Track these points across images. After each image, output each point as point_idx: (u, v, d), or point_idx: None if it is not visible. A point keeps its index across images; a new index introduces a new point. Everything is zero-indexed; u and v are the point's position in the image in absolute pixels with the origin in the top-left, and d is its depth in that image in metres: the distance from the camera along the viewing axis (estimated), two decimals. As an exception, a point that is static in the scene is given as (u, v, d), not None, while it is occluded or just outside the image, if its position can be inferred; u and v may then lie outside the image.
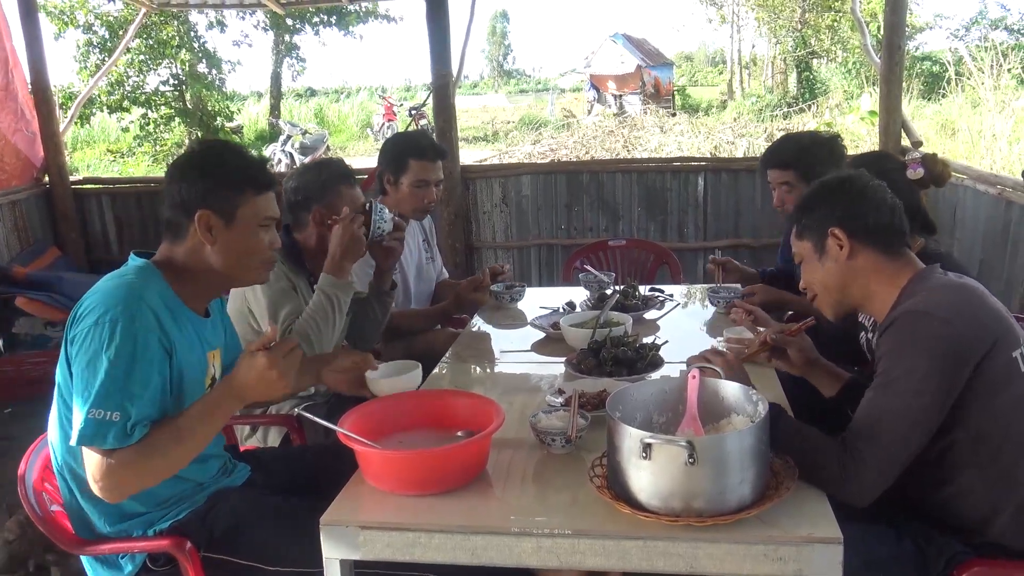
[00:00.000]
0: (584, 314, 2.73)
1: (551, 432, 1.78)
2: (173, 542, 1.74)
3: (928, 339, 1.54)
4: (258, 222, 1.84)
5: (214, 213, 1.78)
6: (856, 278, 1.73)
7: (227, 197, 1.80)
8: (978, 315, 1.58)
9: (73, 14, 13.80)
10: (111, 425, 1.58)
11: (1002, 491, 1.60)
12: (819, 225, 1.75)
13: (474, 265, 5.55)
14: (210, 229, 1.79)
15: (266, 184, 1.87)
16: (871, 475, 1.55)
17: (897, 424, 1.55)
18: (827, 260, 1.76)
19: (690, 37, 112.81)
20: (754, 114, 17.80)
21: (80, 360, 1.62)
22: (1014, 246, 3.62)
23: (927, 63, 16.83)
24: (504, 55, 60.42)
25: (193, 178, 1.80)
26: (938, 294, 1.61)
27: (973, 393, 1.55)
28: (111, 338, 1.60)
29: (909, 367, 1.55)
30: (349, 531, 1.54)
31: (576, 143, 13.14)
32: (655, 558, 1.45)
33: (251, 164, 1.87)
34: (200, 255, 1.81)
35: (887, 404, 1.57)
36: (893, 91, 4.83)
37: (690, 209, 5.31)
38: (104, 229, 5.94)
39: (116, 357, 1.59)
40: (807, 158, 2.85)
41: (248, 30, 18.50)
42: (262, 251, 1.87)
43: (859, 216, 1.72)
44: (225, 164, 1.84)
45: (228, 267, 1.82)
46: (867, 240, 1.72)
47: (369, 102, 26.38)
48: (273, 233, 1.90)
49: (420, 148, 3.06)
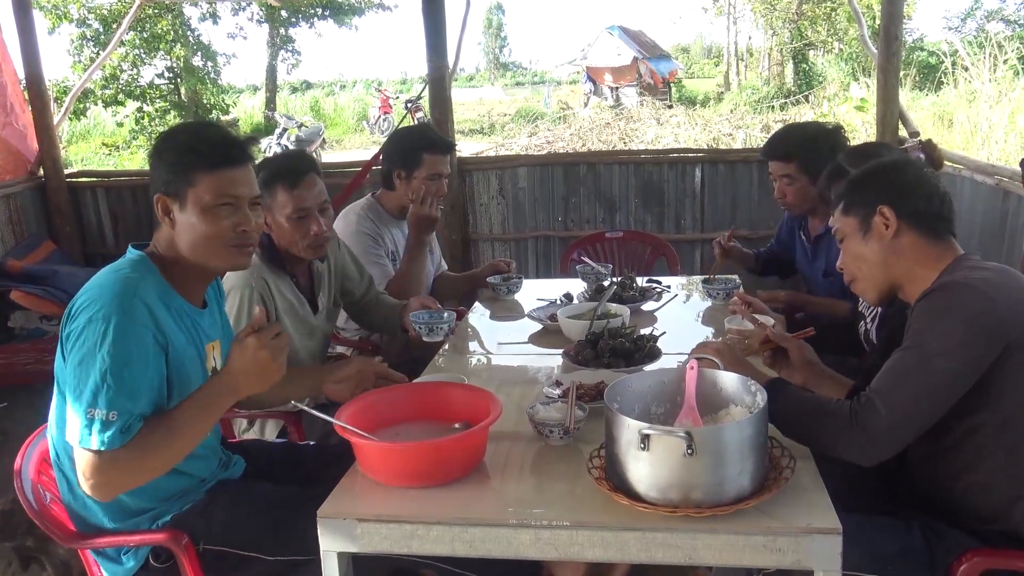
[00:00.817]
0: (581, 306, 2.73)
1: (549, 424, 1.77)
2: (170, 536, 1.73)
3: (965, 309, 1.53)
4: (215, 201, 1.72)
5: (168, 196, 1.73)
6: (898, 259, 1.71)
7: (178, 178, 1.72)
8: (1018, 297, 1.57)
9: (67, 8, 13.77)
10: (107, 425, 1.55)
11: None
12: (868, 203, 1.73)
13: (471, 258, 5.54)
14: (168, 213, 1.74)
15: (224, 161, 1.74)
16: (880, 430, 1.53)
17: (918, 382, 1.54)
18: (871, 238, 1.73)
19: (687, 29, 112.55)
20: (751, 106, 17.78)
21: (74, 357, 1.60)
22: (1011, 236, 3.62)
23: (923, 53, 16.81)
24: (500, 47, 60.28)
25: (152, 162, 1.76)
26: (980, 273, 1.60)
27: (1004, 374, 1.54)
28: (104, 336, 1.58)
29: (941, 331, 1.54)
30: (346, 524, 1.53)
31: (573, 135, 13.12)
32: (654, 549, 1.45)
33: (204, 140, 1.76)
34: (173, 242, 1.76)
35: (912, 362, 1.55)
36: (890, 81, 4.82)
37: (687, 201, 5.31)
38: (99, 222, 5.91)
39: (111, 356, 1.57)
40: (809, 151, 2.85)
41: (243, 23, 18.48)
42: (223, 233, 1.74)
43: (910, 198, 1.70)
44: (174, 144, 1.76)
45: (192, 252, 1.75)
46: (914, 222, 1.70)
47: (365, 95, 26.34)
48: (243, 213, 1.77)
49: (432, 142, 3.06)
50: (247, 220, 1.78)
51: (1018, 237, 3.49)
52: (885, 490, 1.84)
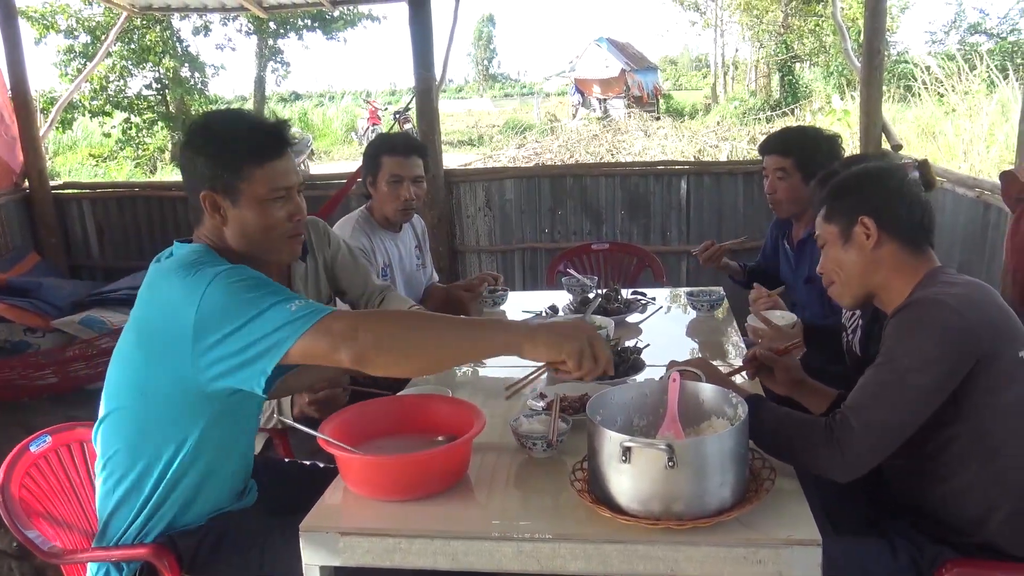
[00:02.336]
0: (567, 318, 2.73)
1: (532, 436, 1.78)
2: (152, 551, 1.72)
3: (936, 325, 1.55)
4: (268, 195, 1.70)
5: (217, 193, 1.68)
6: (877, 269, 1.73)
7: (228, 174, 1.67)
8: (989, 311, 1.59)
9: (54, 19, 13.72)
10: (316, 304, 1.52)
11: (1000, 490, 1.60)
12: (850, 211, 1.75)
13: (458, 269, 5.55)
14: (219, 209, 1.70)
15: (273, 152, 1.71)
16: (858, 447, 1.54)
17: (892, 398, 1.55)
18: (851, 247, 1.75)
19: (674, 41, 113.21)
20: (737, 118, 17.89)
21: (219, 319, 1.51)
22: (992, 248, 3.65)
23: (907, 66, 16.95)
24: (489, 59, 60.52)
25: (190, 156, 1.70)
26: (952, 288, 1.62)
27: (976, 387, 1.56)
28: (229, 274, 1.55)
29: (914, 348, 1.56)
30: (329, 537, 1.53)
31: (560, 147, 13.18)
32: (635, 562, 1.45)
33: (251, 133, 1.71)
34: (222, 236, 1.73)
35: (885, 378, 1.57)
36: (873, 94, 4.86)
37: (673, 213, 5.33)
38: (85, 234, 5.89)
39: (249, 278, 1.55)
40: (809, 149, 2.89)
41: (231, 34, 18.44)
42: (279, 225, 1.73)
43: (892, 209, 1.72)
44: (220, 137, 1.70)
45: (248, 247, 1.73)
46: (895, 233, 1.72)
47: (354, 106, 26.33)
48: (294, 204, 1.75)
49: (391, 144, 3.06)
50: (300, 209, 1.78)
51: (999, 249, 3.51)
52: (868, 504, 1.85)
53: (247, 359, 1.50)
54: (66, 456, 2.02)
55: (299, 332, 1.47)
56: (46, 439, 1.98)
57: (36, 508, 1.88)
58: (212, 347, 1.52)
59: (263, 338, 1.49)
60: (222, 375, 1.54)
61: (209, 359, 1.53)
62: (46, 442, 1.98)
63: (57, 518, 1.94)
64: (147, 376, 1.65)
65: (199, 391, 1.59)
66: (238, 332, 1.50)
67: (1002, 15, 19.90)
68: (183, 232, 5.96)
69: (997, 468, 1.60)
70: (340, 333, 1.48)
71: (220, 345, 1.51)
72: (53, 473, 1.98)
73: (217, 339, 1.51)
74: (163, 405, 1.65)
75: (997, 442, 1.60)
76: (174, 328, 1.55)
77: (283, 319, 1.49)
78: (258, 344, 1.49)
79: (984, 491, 1.61)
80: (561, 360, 1.52)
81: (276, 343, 1.48)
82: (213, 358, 1.53)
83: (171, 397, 1.64)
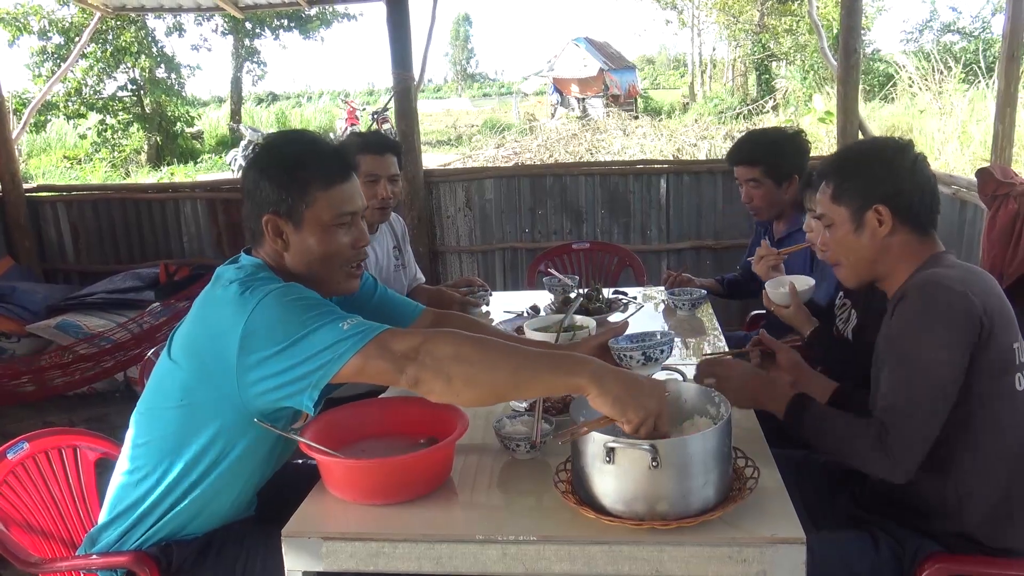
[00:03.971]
0: (548, 318, 2.73)
1: (515, 438, 1.77)
2: (133, 559, 1.69)
3: (945, 308, 1.55)
4: (333, 221, 1.67)
5: (280, 217, 1.66)
6: (888, 254, 1.72)
7: (292, 198, 1.64)
8: (990, 296, 1.60)
9: (27, 20, 13.57)
10: (370, 322, 1.50)
11: (982, 479, 1.62)
12: (862, 196, 1.71)
13: (439, 270, 5.53)
14: (281, 234, 1.67)
15: (338, 176, 1.69)
16: (912, 449, 1.55)
17: (930, 396, 1.55)
18: (863, 233, 1.72)
19: (651, 40, 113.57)
20: (715, 116, 18.00)
21: (265, 338, 1.50)
22: (968, 245, 3.69)
23: (882, 64, 17.11)
24: (467, 59, 60.48)
25: (255, 177, 1.67)
26: (953, 270, 1.62)
27: (972, 369, 1.57)
28: (283, 292, 1.54)
29: (930, 339, 1.56)
30: (311, 542, 1.52)
31: (540, 147, 13.19)
32: (620, 562, 1.45)
33: (317, 157, 1.68)
34: (282, 260, 1.70)
35: (916, 378, 1.57)
36: (850, 93, 4.90)
37: (653, 211, 5.35)
38: (60, 237, 5.82)
39: (302, 297, 1.54)
40: (773, 154, 2.92)
41: (207, 34, 18.31)
42: (342, 252, 1.70)
43: (906, 195, 1.69)
44: (283, 160, 1.68)
45: (309, 274, 1.69)
46: (907, 220, 1.70)
47: (332, 106, 26.24)
48: (358, 230, 1.72)
49: (365, 142, 3.03)
50: (364, 236, 1.75)
51: (976, 245, 3.56)
52: (849, 498, 1.86)
53: (296, 377, 1.49)
54: (44, 463, 1.99)
55: (352, 351, 1.46)
56: (23, 446, 1.95)
57: (14, 516, 1.85)
58: (259, 364, 1.51)
59: (314, 356, 1.47)
60: (268, 392, 1.53)
61: (255, 376, 1.52)
62: (23, 449, 1.95)
63: (36, 527, 1.91)
64: (193, 384, 1.63)
65: (243, 408, 1.58)
66: (288, 350, 1.49)
67: (975, 14, 20.11)
68: (159, 235, 5.92)
69: (982, 457, 1.61)
70: (403, 354, 1.47)
71: (268, 363, 1.50)
72: (31, 480, 1.95)
73: (265, 356, 1.50)
74: (205, 414, 1.63)
75: (982, 430, 1.61)
76: (220, 343, 1.54)
77: (334, 337, 1.47)
78: (309, 362, 1.47)
79: (961, 477, 1.62)
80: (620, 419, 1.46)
81: (328, 361, 1.47)
82: (259, 376, 1.52)
83: (216, 410, 1.62)
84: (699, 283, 3.19)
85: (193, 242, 5.73)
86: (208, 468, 1.68)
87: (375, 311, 2.01)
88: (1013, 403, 1.61)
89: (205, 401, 1.62)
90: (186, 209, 5.68)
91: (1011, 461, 1.62)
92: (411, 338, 1.49)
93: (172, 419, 1.68)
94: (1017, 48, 3.46)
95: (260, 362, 1.51)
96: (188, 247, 5.74)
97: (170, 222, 5.72)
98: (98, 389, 4.50)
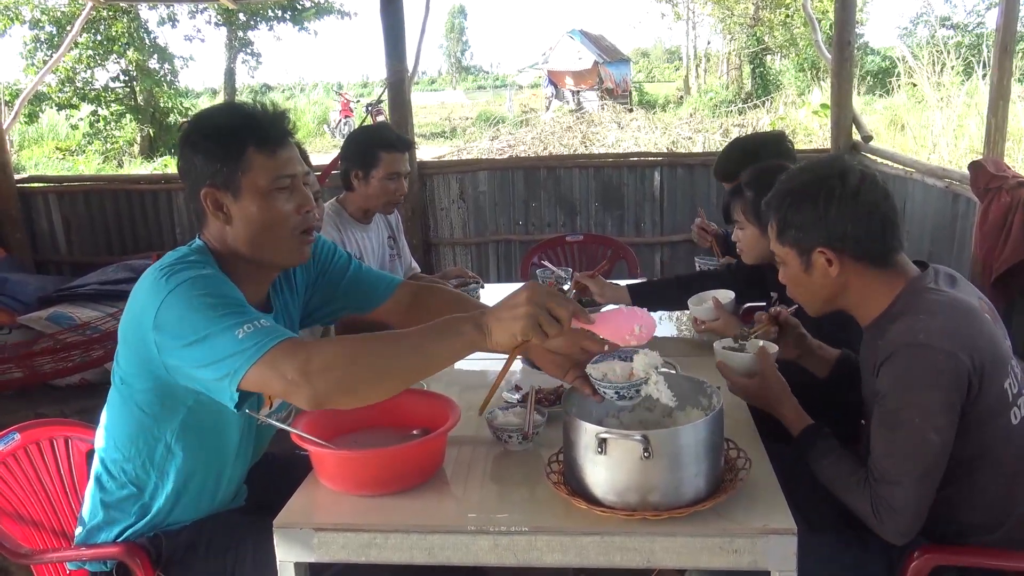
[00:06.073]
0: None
1: (508, 429, 1.77)
2: (124, 550, 1.69)
3: (934, 374, 1.50)
4: (272, 185, 1.58)
5: (219, 188, 1.58)
6: (848, 291, 1.67)
7: (227, 167, 1.56)
8: (976, 342, 1.53)
9: (18, 10, 13.49)
10: (267, 329, 1.41)
11: (968, 506, 1.62)
12: (803, 238, 1.65)
13: (432, 262, 5.53)
14: (221, 207, 1.59)
15: (272, 139, 1.60)
16: (906, 516, 1.53)
17: (921, 463, 1.52)
18: (815, 274, 1.67)
19: (646, 33, 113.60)
20: (710, 109, 17.99)
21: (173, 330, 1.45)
22: (961, 238, 3.70)
23: (876, 57, 17.13)
24: (462, 51, 60.36)
25: (188, 154, 1.59)
26: (936, 321, 1.53)
27: (963, 422, 1.54)
28: (192, 284, 1.47)
29: (920, 405, 1.51)
30: (303, 533, 1.52)
31: (534, 139, 13.19)
32: (612, 553, 1.45)
33: (247, 122, 1.59)
34: (225, 238, 1.61)
35: (907, 446, 1.53)
36: (844, 86, 4.91)
37: (646, 204, 5.35)
38: (51, 229, 5.79)
39: (210, 293, 1.46)
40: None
41: (200, 25, 18.19)
42: (287, 218, 1.60)
43: (846, 231, 1.60)
44: (214, 128, 1.60)
45: (253, 246, 1.61)
46: (856, 256, 1.62)
47: (325, 98, 26.13)
48: (301, 194, 1.62)
49: (389, 140, 3.01)
50: (308, 200, 1.64)
51: (968, 239, 3.57)
52: None
53: (210, 378, 1.44)
54: (35, 454, 1.98)
55: (245, 367, 1.39)
56: (14, 436, 1.94)
57: (5, 507, 1.85)
58: (172, 352, 1.47)
59: (217, 362, 1.42)
60: (190, 382, 1.50)
61: (173, 363, 1.49)
62: (14, 439, 1.94)
63: (27, 517, 1.90)
64: (132, 370, 1.61)
65: (169, 383, 1.55)
66: (193, 347, 1.43)
67: (969, 8, 20.10)
68: (152, 227, 5.89)
69: (972, 481, 1.61)
70: (292, 380, 1.38)
71: (179, 353, 1.46)
72: (22, 471, 1.95)
73: (175, 347, 1.46)
74: (142, 395, 1.61)
75: (978, 470, 1.60)
76: (141, 330, 1.51)
77: (230, 348, 1.41)
78: (214, 368, 1.42)
79: (957, 504, 1.62)
80: (524, 342, 1.40)
81: (229, 373, 1.41)
82: (176, 363, 1.48)
83: (155, 393, 1.60)
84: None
85: (186, 233, 5.71)
86: (168, 452, 1.66)
87: (349, 288, 1.94)
88: (1008, 436, 1.60)
89: (144, 386, 1.59)
90: (179, 200, 5.65)
91: (1008, 485, 1.62)
92: (297, 358, 1.39)
93: (119, 403, 1.67)
94: (1010, 41, 3.46)
95: (173, 351, 1.47)
96: (181, 238, 5.71)
97: (163, 213, 5.70)
98: (90, 380, 4.49)
